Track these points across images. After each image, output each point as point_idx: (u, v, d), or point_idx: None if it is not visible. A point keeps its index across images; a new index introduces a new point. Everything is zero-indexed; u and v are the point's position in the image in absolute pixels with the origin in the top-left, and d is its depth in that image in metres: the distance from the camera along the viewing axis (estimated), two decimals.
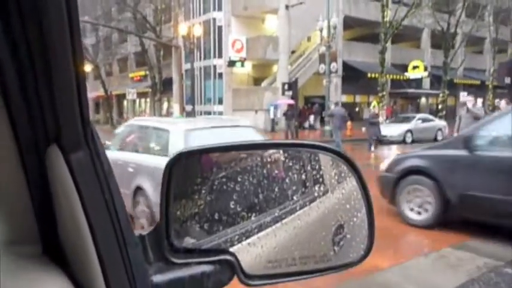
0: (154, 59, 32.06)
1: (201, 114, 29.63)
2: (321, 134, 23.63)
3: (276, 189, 0.97)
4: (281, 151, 1.01)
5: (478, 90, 37.57)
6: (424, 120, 22.91)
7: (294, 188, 1.00)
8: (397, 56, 32.57)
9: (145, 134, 6.51)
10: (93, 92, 38.71)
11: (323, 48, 29.09)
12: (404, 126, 21.48)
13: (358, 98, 32.71)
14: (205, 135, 5.74)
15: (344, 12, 29.40)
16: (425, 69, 31.86)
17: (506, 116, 5.81)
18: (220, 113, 29.68)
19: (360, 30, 31.82)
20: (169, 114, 35.30)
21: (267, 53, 27.31)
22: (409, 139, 21.16)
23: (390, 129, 21.14)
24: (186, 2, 29.78)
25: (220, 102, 29.58)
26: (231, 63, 27.30)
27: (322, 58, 24.15)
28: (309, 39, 30.58)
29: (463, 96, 11.44)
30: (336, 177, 1.03)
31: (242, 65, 27.71)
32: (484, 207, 5.29)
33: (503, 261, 4.82)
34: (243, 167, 0.95)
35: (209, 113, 30.47)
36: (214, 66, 29.64)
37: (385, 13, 24.83)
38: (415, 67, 31.87)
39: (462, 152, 5.56)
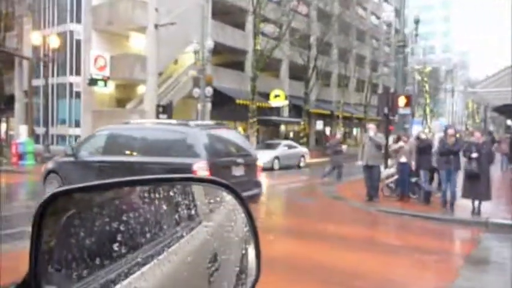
0: None
1: (53, 137, 25.80)
2: None
3: (164, 226, 0.96)
4: (161, 188, 0.99)
5: (328, 119, 41.14)
6: (290, 146, 23.41)
7: (182, 223, 1.01)
8: (260, 84, 33.47)
9: None
10: None
11: (192, 72, 28.37)
12: (272, 153, 21.18)
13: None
14: None
15: (212, 37, 29.17)
16: (286, 98, 33.44)
17: (93, 137, 9.63)
18: (78, 137, 26.31)
19: (226, 56, 31.91)
20: (8, 137, 30.10)
21: (135, 73, 25.26)
22: (276, 165, 21.05)
23: (258, 156, 20.91)
24: (36, 9, 26.01)
25: (78, 124, 26.21)
26: (93, 82, 24.48)
27: (196, 81, 23.28)
28: (175, 62, 29.46)
29: (369, 127, 11.76)
30: (223, 210, 1.04)
31: (105, 85, 25.08)
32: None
33: None
34: (127, 204, 0.93)
35: (64, 137, 26.78)
36: (71, 84, 26.30)
37: (257, 41, 25.30)
38: (276, 96, 33.19)
39: (73, 159, 9.21)
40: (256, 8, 24.69)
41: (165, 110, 20.96)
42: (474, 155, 9.03)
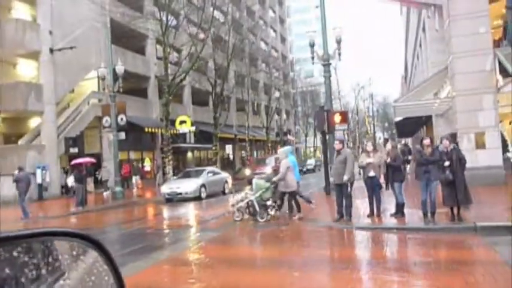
0: None
1: None
2: (113, 197, 20.28)
3: None
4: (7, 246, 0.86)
5: (231, 143, 40.97)
6: (214, 173, 22.63)
7: (35, 284, 0.87)
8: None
9: None
10: None
11: (93, 100, 26.00)
12: (197, 181, 20.25)
13: (133, 155, 30.24)
14: None
15: (113, 62, 27.13)
16: (192, 124, 32.46)
17: None
18: None
19: (128, 83, 29.92)
20: None
21: (29, 104, 22.12)
22: (204, 194, 20.13)
23: (184, 185, 19.75)
24: None
25: None
26: None
27: (105, 110, 21.17)
28: (72, 90, 26.68)
29: (335, 144, 11.55)
30: (83, 264, 0.95)
31: None
32: None
33: None
34: None
35: None
36: None
37: (166, 66, 24.15)
38: (182, 122, 32.04)
39: None
40: (164, 34, 23.63)
41: (75, 142, 18.54)
42: (446, 163, 9.29)
